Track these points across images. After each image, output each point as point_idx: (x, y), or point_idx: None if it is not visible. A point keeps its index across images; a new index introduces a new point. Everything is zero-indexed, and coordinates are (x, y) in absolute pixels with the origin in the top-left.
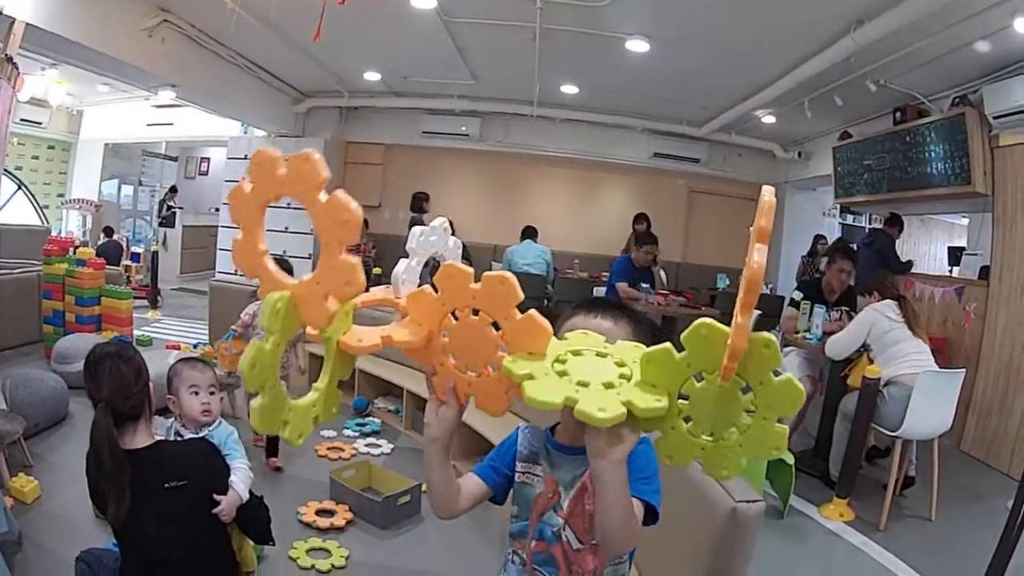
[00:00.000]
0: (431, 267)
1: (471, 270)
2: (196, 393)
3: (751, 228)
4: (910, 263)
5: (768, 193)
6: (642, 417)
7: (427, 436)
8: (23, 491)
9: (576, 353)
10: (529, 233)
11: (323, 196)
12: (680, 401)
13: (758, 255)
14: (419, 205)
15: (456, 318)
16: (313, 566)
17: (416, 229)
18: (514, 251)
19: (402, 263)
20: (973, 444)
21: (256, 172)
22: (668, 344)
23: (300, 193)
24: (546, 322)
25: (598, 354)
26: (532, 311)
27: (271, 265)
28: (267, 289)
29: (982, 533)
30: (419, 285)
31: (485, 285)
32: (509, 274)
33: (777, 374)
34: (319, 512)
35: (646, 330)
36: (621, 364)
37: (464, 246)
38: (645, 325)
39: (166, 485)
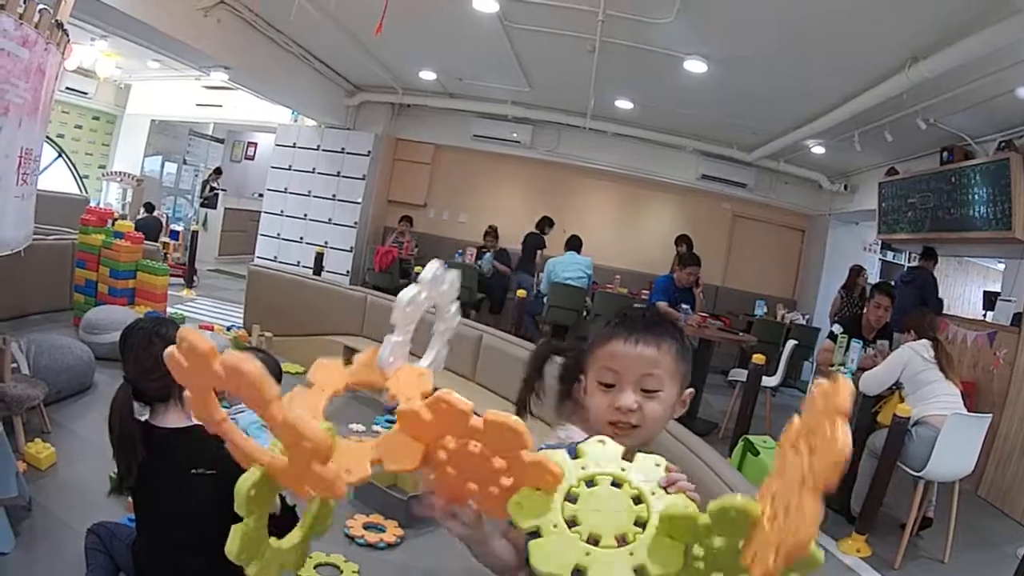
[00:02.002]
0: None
1: (468, 405)
2: None
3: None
4: (941, 302)
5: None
6: None
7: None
8: (38, 457)
9: (590, 482)
10: (573, 244)
11: (280, 410)
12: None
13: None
14: (543, 227)
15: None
16: None
17: (403, 297)
18: (556, 262)
19: (386, 343)
20: (990, 489)
21: (186, 358)
22: (691, 510)
23: (250, 405)
24: (557, 468)
25: (614, 481)
26: (543, 457)
27: (237, 435)
28: (239, 456)
29: None
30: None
31: (488, 429)
32: (516, 421)
33: None
34: (367, 526)
35: (689, 349)
36: (639, 499)
37: (506, 251)
38: (688, 350)
39: (193, 471)
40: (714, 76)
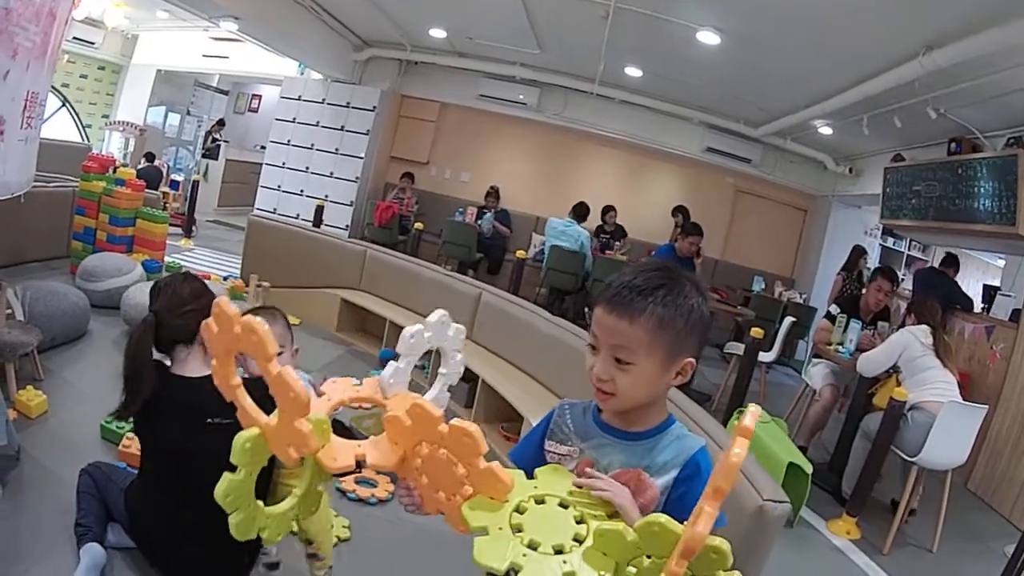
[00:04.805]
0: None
1: (440, 413)
2: None
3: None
4: (970, 300)
5: (741, 447)
6: None
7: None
8: (29, 405)
9: (539, 500)
10: (578, 211)
11: (276, 366)
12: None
13: (736, 455)
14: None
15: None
16: None
17: (407, 331)
18: (553, 223)
19: (390, 366)
20: (980, 484)
21: (216, 321)
22: (622, 526)
23: (254, 358)
24: (507, 476)
25: (561, 503)
26: (495, 464)
27: (246, 400)
28: (242, 419)
29: (979, 572)
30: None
31: (451, 434)
32: (475, 428)
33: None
34: (358, 481)
35: (679, 324)
36: (580, 520)
37: (507, 212)
38: (684, 316)
39: (209, 420)
40: (727, 49)
